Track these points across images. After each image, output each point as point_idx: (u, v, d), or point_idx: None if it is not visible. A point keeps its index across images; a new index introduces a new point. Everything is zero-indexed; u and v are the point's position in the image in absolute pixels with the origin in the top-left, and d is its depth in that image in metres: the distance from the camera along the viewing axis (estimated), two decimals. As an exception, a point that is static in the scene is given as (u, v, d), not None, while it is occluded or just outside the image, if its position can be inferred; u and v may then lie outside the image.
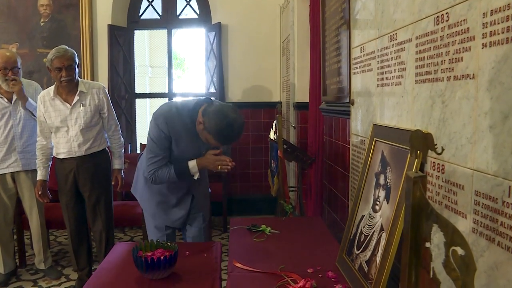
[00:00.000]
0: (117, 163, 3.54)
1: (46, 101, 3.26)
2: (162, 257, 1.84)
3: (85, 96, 3.29)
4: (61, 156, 3.31)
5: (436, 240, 0.83)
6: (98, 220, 3.45)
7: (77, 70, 3.29)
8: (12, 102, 3.48)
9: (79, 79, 3.34)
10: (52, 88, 3.30)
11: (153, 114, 2.46)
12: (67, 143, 3.26)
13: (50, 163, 3.42)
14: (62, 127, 3.25)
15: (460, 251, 0.65)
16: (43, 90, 3.68)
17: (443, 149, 0.97)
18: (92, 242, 3.68)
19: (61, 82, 3.19)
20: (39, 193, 3.33)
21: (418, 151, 0.88)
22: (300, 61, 4.10)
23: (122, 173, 3.59)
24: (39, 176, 3.35)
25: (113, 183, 3.53)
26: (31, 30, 5.34)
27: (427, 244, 0.77)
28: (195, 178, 2.47)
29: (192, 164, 2.43)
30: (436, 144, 0.84)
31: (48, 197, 3.39)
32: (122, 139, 3.60)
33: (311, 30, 3.72)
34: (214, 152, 2.45)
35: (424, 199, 0.77)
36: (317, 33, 3.47)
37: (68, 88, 3.24)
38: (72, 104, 3.24)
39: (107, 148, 3.52)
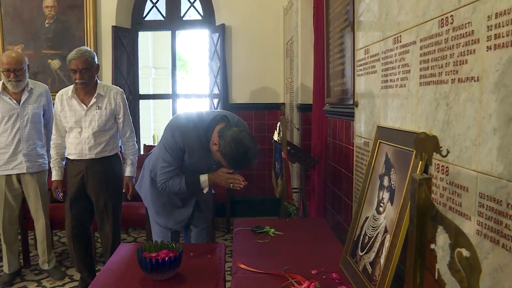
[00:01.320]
0: (129, 171, 3.45)
1: (63, 99, 3.26)
2: (166, 258, 1.85)
3: (102, 99, 3.26)
4: (71, 157, 3.29)
5: (441, 242, 0.83)
6: (106, 224, 3.39)
7: (95, 73, 3.27)
8: (20, 103, 3.49)
9: (98, 81, 3.32)
10: (71, 87, 3.29)
11: (169, 123, 2.49)
12: (78, 144, 3.23)
13: (64, 162, 3.39)
14: (75, 127, 3.23)
15: (465, 252, 0.66)
16: (48, 91, 3.71)
17: (448, 152, 0.97)
18: (96, 244, 3.70)
19: (76, 84, 3.20)
20: (59, 194, 3.33)
21: (423, 153, 0.88)
22: (303, 62, 4.11)
23: (134, 180, 3.46)
24: (54, 177, 3.33)
25: (123, 191, 3.45)
26: (36, 31, 5.36)
27: (432, 246, 0.78)
28: (204, 192, 2.52)
29: (204, 178, 2.48)
30: (441, 147, 0.84)
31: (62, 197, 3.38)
32: (136, 146, 3.53)
33: (314, 32, 3.72)
34: (227, 170, 2.47)
35: (429, 201, 0.77)
36: (320, 34, 3.47)
37: (85, 90, 3.22)
38: (88, 106, 3.22)
39: (119, 153, 3.49)
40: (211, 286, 1.85)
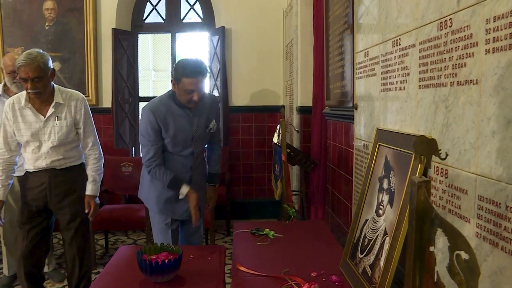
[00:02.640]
0: (90, 189, 2.94)
1: (15, 109, 2.78)
2: (166, 261, 1.85)
3: (61, 108, 2.82)
4: (31, 170, 2.88)
5: (440, 244, 0.84)
6: (73, 243, 2.95)
7: (51, 79, 2.80)
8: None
9: (55, 86, 2.86)
10: (23, 94, 2.79)
11: (142, 115, 2.67)
12: (37, 160, 2.83)
13: (11, 182, 2.92)
14: (32, 141, 2.80)
15: (464, 255, 0.66)
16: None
17: (447, 155, 0.97)
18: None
19: (28, 93, 2.73)
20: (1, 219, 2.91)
21: (422, 156, 0.89)
22: (303, 65, 4.12)
23: (98, 200, 3.03)
24: None
25: (86, 211, 2.94)
26: (36, 34, 5.37)
27: (431, 248, 0.78)
28: (179, 197, 2.63)
29: (186, 189, 2.59)
30: (440, 150, 0.85)
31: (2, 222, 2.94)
32: (102, 161, 3.03)
33: (314, 35, 3.73)
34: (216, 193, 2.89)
35: (428, 204, 0.78)
36: (320, 37, 3.48)
37: (41, 99, 2.78)
38: (46, 117, 2.78)
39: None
40: (211, 288, 1.85)
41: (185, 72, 2.46)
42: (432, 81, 1.44)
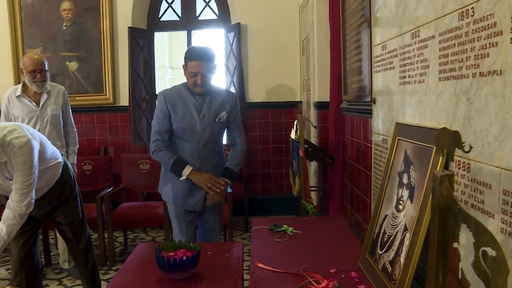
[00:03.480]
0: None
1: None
2: (184, 257, 1.84)
3: None
4: None
5: (463, 240, 0.81)
6: (76, 246, 2.90)
7: None
8: (40, 105, 3.53)
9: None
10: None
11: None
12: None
13: None
14: None
15: (490, 252, 0.64)
16: (65, 92, 3.74)
17: (471, 147, 0.94)
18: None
19: None
20: None
21: (444, 150, 0.86)
22: (320, 60, 4.08)
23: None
24: None
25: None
26: (54, 34, 5.42)
27: (455, 245, 0.75)
28: (180, 179, 2.69)
29: (188, 170, 2.66)
30: (463, 142, 0.82)
31: None
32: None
33: (330, 29, 3.69)
34: (215, 178, 2.68)
35: (451, 199, 0.75)
36: (337, 32, 3.44)
37: None
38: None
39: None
40: (229, 285, 1.84)
41: (190, 56, 2.62)
42: (452, 73, 1.40)
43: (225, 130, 2.85)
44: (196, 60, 2.59)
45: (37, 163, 2.36)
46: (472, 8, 1.25)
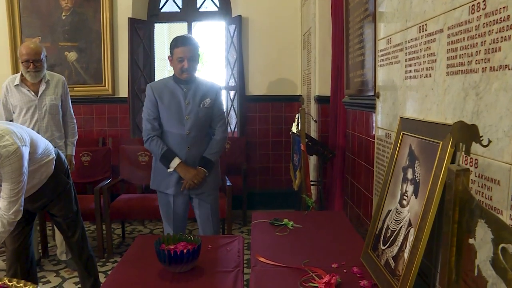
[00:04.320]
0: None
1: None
2: (185, 250, 1.83)
3: None
4: None
5: (480, 236, 0.79)
6: (72, 238, 2.86)
7: None
8: (38, 95, 3.50)
9: None
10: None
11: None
12: None
13: None
14: None
15: (511, 249, 0.62)
16: (65, 82, 3.71)
17: (489, 141, 0.92)
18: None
19: None
20: None
21: (461, 143, 0.84)
22: (321, 54, 4.05)
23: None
24: None
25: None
26: (53, 24, 5.37)
27: (471, 241, 0.74)
28: (168, 170, 2.85)
29: (177, 161, 2.83)
30: (481, 136, 0.80)
31: None
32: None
33: (333, 23, 3.66)
34: (201, 173, 2.86)
35: (467, 193, 0.74)
36: (339, 25, 3.42)
37: None
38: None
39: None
40: (230, 279, 1.83)
41: (177, 43, 2.81)
42: (461, 67, 1.38)
43: None
44: (182, 45, 2.79)
45: (26, 170, 2.29)
46: (483, 1, 1.23)
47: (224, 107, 3.32)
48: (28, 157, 2.31)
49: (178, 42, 2.81)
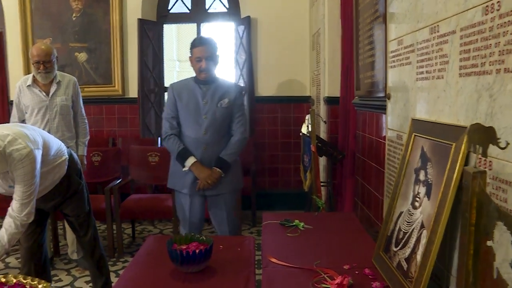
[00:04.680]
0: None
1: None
2: (197, 251, 1.84)
3: None
4: None
5: (498, 238, 0.79)
6: (84, 237, 2.89)
7: None
8: (49, 96, 3.53)
9: None
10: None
11: None
12: None
13: None
14: None
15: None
16: (76, 82, 3.74)
17: (508, 143, 0.92)
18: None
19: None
20: None
21: (477, 146, 0.84)
22: (330, 55, 4.05)
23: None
24: None
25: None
26: (64, 25, 5.42)
27: (489, 243, 0.74)
28: (183, 169, 2.88)
29: (192, 160, 2.85)
30: (499, 138, 0.80)
31: None
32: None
33: (342, 24, 3.66)
34: (216, 174, 2.85)
35: (485, 195, 0.74)
36: (349, 26, 3.41)
37: None
38: None
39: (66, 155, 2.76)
40: (242, 279, 1.84)
41: (195, 43, 2.86)
42: (474, 68, 1.38)
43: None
44: (200, 45, 2.83)
45: (38, 172, 2.30)
46: (498, 2, 1.23)
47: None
48: (40, 160, 2.33)
49: (196, 42, 2.85)
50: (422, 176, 1.66)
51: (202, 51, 2.82)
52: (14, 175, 2.23)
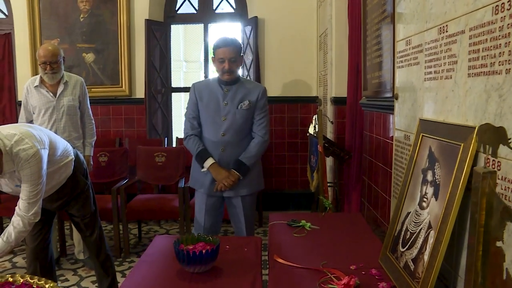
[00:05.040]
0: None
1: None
2: (204, 251, 1.84)
3: None
4: None
5: (508, 239, 0.78)
6: (90, 238, 2.89)
7: None
8: (56, 96, 3.55)
9: None
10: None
11: None
12: None
13: None
14: None
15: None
16: (83, 83, 3.75)
17: (518, 144, 0.91)
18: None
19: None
20: None
21: (487, 146, 0.83)
22: (338, 55, 4.04)
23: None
24: None
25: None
26: (71, 26, 5.45)
27: (499, 244, 0.73)
28: (201, 170, 2.88)
29: (210, 161, 2.83)
30: (510, 139, 0.79)
31: None
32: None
33: (349, 24, 3.66)
34: (233, 177, 2.82)
35: (494, 196, 0.73)
36: (356, 27, 3.41)
37: None
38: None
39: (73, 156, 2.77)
40: (249, 279, 1.83)
41: (218, 44, 2.82)
42: (483, 68, 1.37)
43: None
44: (224, 46, 2.79)
45: (45, 172, 2.32)
46: (508, 1, 1.22)
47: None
48: (47, 160, 2.34)
49: (220, 43, 2.82)
50: (429, 177, 1.65)
51: (225, 52, 2.78)
52: (21, 174, 2.24)
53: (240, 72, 5.51)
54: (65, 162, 2.61)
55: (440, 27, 1.72)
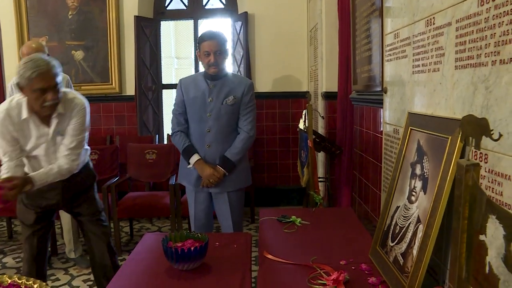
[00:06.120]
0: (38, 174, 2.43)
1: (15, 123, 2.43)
2: (192, 248, 1.82)
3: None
4: None
5: (491, 232, 0.77)
6: (102, 236, 2.81)
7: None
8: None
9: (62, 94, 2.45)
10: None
11: None
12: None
13: None
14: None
15: (523, 245, 0.60)
16: (69, 80, 3.72)
17: (500, 135, 0.90)
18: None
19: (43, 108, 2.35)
20: None
21: (470, 138, 0.82)
22: (328, 50, 4.03)
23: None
24: None
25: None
26: (60, 23, 5.39)
27: (482, 237, 0.72)
28: (187, 166, 2.88)
29: (196, 157, 2.83)
30: (492, 130, 0.78)
31: None
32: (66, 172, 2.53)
33: (339, 18, 3.64)
34: (218, 174, 2.81)
35: (478, 189, 0.72)
36: (346, 21, 3.39)
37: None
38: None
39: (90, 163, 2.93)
40: (238, 276, 1.82)
41: (204, 37, 2.79)
42: (470, 60, 1.36)
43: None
44: (209, 39, 2.75)
45: (88, 127, 2.62)
46: (493, -8, 1.21)
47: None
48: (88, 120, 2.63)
49: (205, 36, 2.78)
50: (418, 170, 1.64)
51: (210, 45, 2.74)
52: (70, 124, 2.50)
53: (231, 68, 5.55)
54: (85, 148, 2.73)
55: (427, 20, 1.71)
